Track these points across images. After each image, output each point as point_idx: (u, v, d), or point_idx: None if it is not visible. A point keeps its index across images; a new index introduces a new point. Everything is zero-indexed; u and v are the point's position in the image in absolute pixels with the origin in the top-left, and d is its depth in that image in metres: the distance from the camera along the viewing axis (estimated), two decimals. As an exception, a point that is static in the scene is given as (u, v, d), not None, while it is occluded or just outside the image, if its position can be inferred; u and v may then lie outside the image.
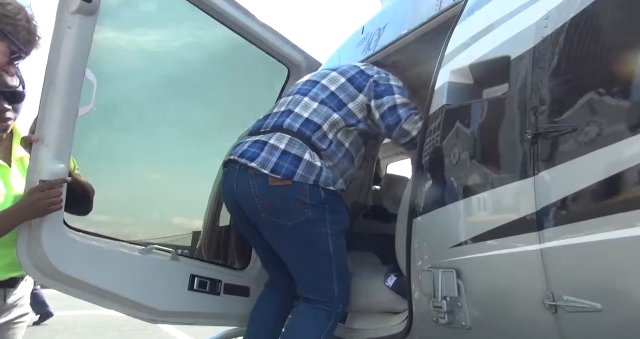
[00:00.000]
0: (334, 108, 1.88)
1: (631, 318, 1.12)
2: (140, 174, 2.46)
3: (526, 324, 1.32)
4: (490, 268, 1.38)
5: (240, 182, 1.85)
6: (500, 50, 1.47)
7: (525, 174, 1.32)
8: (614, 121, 1.17)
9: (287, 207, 1.79)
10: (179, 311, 2.04)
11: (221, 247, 2.53)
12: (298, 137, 1.82)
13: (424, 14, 2.27)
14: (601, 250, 1.15)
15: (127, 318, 2.07)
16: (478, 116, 1.50)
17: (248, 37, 2.26)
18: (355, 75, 1.96)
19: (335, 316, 1.87)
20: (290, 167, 1.78)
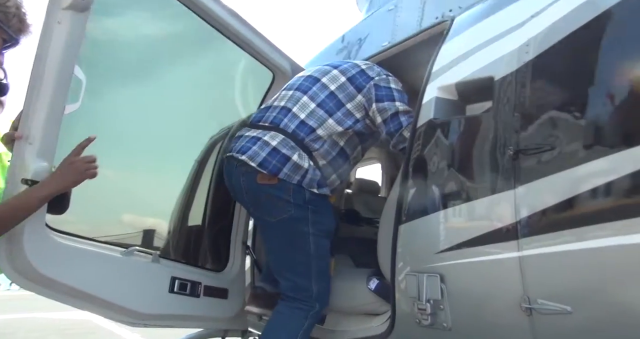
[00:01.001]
0: (331, 111, 1.95)
1: (597, 319, 1.26)
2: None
3: (503, 325, 1.44)
4: (472, 273, 1.49)
5: (233, 178, 2.00)
6: (485, 71, 1.59)
7: (506, 187, 1.44)
8: (588, 141, 1.32)
9: (271, 204, 1.91)
10: (159, 314, 2.02)
11: (192, 247, 2.51)
12: (291, 138, 1.91)
13: (404, 29, 2.39)
14: (572, 258, 1.28)
15: (71, 322, 2.03)
16: (464, 131, 1.61)
17: (236, 41, 2.27)
18: (355, 75, 2.02)
19: (313, 316, 1.92)
20: (277, 165, 1.87)
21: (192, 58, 2.45)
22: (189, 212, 2.59)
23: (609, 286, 1.23)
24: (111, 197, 2.14)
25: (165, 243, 2.34)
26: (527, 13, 1.54)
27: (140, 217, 2.32)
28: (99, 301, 1.84)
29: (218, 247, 2.44)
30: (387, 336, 1.75)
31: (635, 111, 1.22)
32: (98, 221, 2.13)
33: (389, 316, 1.78)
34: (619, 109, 1.27)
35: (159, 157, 2.52)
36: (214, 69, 2.53)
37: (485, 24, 1.69)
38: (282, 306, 1.96)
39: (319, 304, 1.94)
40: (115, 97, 2.13)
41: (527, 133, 1.43)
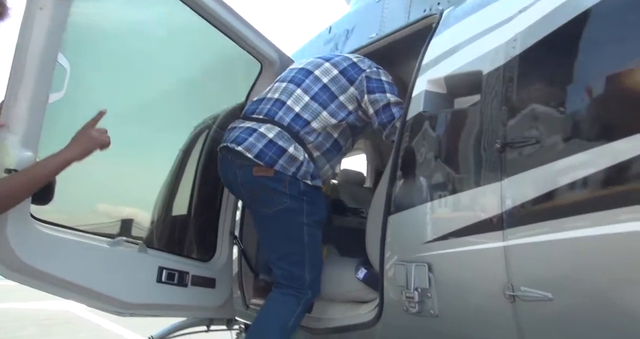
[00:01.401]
0: (325, 104, 1.98)
1: (575, 305, 1.33)
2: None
3: (487, 311, 1.49)
4: (459, 262, 1.53)
5: (229, 171, 2.03)
6: (474, 65, 1.62)
7: (493, 179, 1.48)
8: (571, 135, 1.36)
9: (267, 196, 1.94)
10: (147, 304, 2.03)
11: (179, 237, 2.51)
12: (287, 131, 1.95)
13: (392, 21, 2.40)
14: (554, 248, 1.33)
15: (49, 312, 2.03)
16: (452, 124, 1.64)
17: (224, 30, 2.24)
18: (347, 67, 2.05)
19: (305, 303, 1.97)
20: (273, 156, 1.90)
21: (178, 47, 2.41)
22: (176, 202, 2.58)
23: (588, 274, 1.29)
24: (98, 187, 2.11)
25: (153, 233, 2.33)
26: (515, 8, 1.57)
27: (126, 207, 2.30)
28: (85, 291, 1.83)
29: (205, 237, 2.45)
30: (374, 323, 1.79)
31: (618, 105, 1.27)
32: (84, 211, 2.11)
33: (376, 304, 1.82)
34: (603, 104, 1.31)
35: (146, 146, 2.50)
36: (201, 58, 2.50)
37: (474, 18, 1.71)
38: (275, 293, 2.00)
39: (312, 291, 1.99)
40: (101, 85, 2.09)
41: (513, 127, 1.47)
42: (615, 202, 1.23)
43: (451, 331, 1.59)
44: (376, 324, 1.79)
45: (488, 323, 1.50)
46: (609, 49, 1.33)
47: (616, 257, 1.23)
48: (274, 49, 2.42)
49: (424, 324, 1.65)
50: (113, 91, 2.23)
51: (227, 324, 3.11)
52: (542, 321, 1.38)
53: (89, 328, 6.00)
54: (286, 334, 1.92)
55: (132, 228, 2.22)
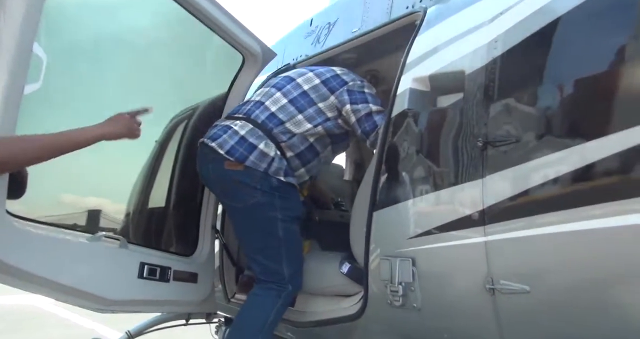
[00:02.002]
0: (301, 108, 2.03)
1: (551, 298, 1.39)
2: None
3: (468, 304, 1.55)
4: (442, 257, 1.58)
5: (203, 166, 2.09)
6: (457, 65, 1.65)
7: (474, 176, 1.53)
8: (551, 134, 1.42)
9: (238, 190, 1.97)
10: (128, 300, 2.00)
11: (160, 232, 2.48)
12: (259, 128, 1.99)
13: (374, 16, 2.41)
14: (532, 243, 1.39)
15: (13, 306, 1.98)
16: (436, 122, 1.67)
17: (205, 22, 2.20)
18: (330, 78, 2.10)
19: (286, 296, 1.99)
20: (244, 153, 1.94)
21: (158, 37, 2.36)
22: (156, 196, 2.55)
23: (564, 268, 1.35)
24: (76, 180, 2.06)
25: (133, 228, 2.30)
26: (496, 9, 1.61)
27: (106, 202, 2.25)
28: (64, 288, 1.80)
29: (187, 232, 2.43)
30: (358, 316, 1.83)
31: (595, 106, 1.32)
32: (61, 206, 2.05)
33: (360, 298, 1.86)
34: (580, 104, 1.36)
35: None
36: (182, 50, 2.45)
37: (457, 17, 1.74)
38: (256, 288, 2.04)
39: (292, 285, 2.01)
40: (79, 76, 2.02)
41: (495, 126, 1.51)
42: (590, 199, 1.29)
43: (433, 323, 1.64)
44: (360, 317, 1.82)
45: (468, 315, 1.56)
46: (588, 51, 1.38)
47: (591, 252, 1.29)
48: (256, 41, 2.40)
49: (407, 317, 1.70)
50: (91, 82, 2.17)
51: (207, 318, 3.10)
52: (520, 313, 1.44)
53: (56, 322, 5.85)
54: (267, 328, 1.95)
55: (113, 223, 2.18)
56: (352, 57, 2.53)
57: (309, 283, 2.14)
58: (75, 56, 2.00)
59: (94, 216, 2.14)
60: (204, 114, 2.63)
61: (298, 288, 2.06)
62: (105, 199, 2.38)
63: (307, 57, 2.68)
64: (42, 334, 5.46)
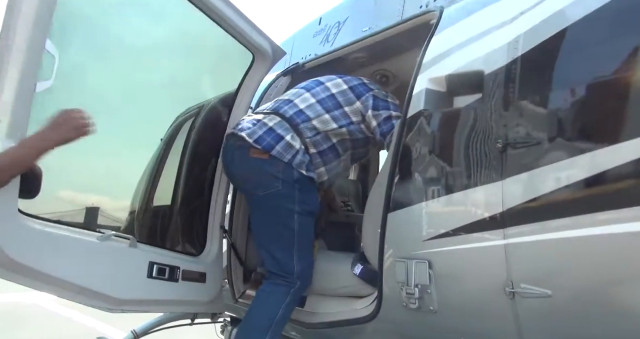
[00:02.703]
0: (328, 109, 2.08)
1: (574, 302, 1.37)
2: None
3: (486, 307, 1.53)
4: (459, 260, 1.56)
5: (228, 153, 2.14)
6: (476, 65, 1.63)
7: (494, 178, 1.51)
8: (572, 137, 1.40)
9: (260, 178, 2.01)
10: (138, 299, 1.98)
11: (169, 231, 2.46)
12: (287, 122, 2.05)
13: (386, 15, 2.39)
14: (554, 246, 1.37)
15: (15, 305, 1.93)
16: (454, 123, 1.65)
17: (216, 19, 2.18)
18: (357, 85, 2.17)
19: (294, 293, 1.99)
20: (271, 142, 2.00)
21: (169, 35, 2.33)
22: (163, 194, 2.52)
23: (586, 272, 1.34)
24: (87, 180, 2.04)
25: (143, 227, 2.28)
26: (516, 9, 1.59)
27: (116, 201, 2.23)
28: (75, 288, 1.78)
29: (195, 231, 2.41)
30: (372, 318, 1.81)
31: (619, 108, 1.30)
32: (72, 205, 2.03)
33: (373, 300, 1.84)
34: (604, 106, 1.35)
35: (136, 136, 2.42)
36: (190, 48, 2.43)
37: (475, 17, 1.72)
38: (264, 285, 2.05)
39: (301, 281, 2.01)
40: (91, 75, 2.00)
41: (515, 127, 1.49)
42: (613, 203, 1.28)
43: (449, 326, 1.63)
44: (374, 319, 1.81)
45: (486, 319, 1.54)
46: (610, 52, 1.36)
47: (614, 256, 1.28)
48: (266, 39, 2.37)
49: (421, 320, 1.68)
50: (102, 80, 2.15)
51: (212, 317, 3.08)
52: (541, 317, 1.43)
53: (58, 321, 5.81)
54: (276, 324, 1.95)
55: (121, 222, 2.15)
56: (362, 56, 2.51)
57: (320, 283, 2.13)
58: (86, 54, 1.97)
59: (104, 215, 2.12)
60: (212, 112, 2.61)
61: (307, 283, 2.06)
62: (113, 198, 2.36)
63: (316, 56, 2.66)
64: (44, 333, 5.42)
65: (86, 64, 2.00)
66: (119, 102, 2.31)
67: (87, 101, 2.10)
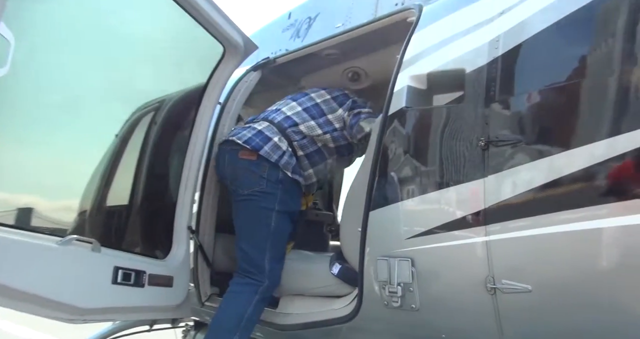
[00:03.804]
0: (313, 116, 2.23)
1: (554, 297, 1.41)
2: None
3: (468, 303, 1.55)
4: (442, 257, 1.57)
5: (221, 158, 2.26)
6: (457, 63, 1.64)
7: (476, 175, 1.52)
8: (553, 136, 1.44)
9: (247, 177, 2.12)
10: (102, 308, 1.85)
11: (134, 234, 2.31)
12: (275, 126, 2.19)
13: (359, 11, 2.38)
14: (534, 242, 1.41)
15: None
16: (437, 121, 1.66)
17: (189, 10, 2.06)
18: (339, 95, 2.33)
19: (263, 292, 2.03)
20: (259, 143, 2.12)
21: (134, 25, 2.18)
22: (122, 194, 2.37)
23: (566, 267, 1.38)
24: (41, 180, 1.87)
25: (106, 229, 2.12)
26: (496, 9, 1.61)
27: (75, 202, 2.06)
28: (31, 298, 1.63)
29: (160, 232, 2.27)
30: (352, 318, 1.78)
31: (598, 108, 1.35)
32: (27, 207, 1.85)
33: (353, 299, 1.82)
34: (583, 105, 1.40)
35: (91, 132, 2.25)
36: (156, 38, 2.28)
37: (456, 16, 1.73)
38: (232, 285, 2.09)
39: (269, 280, 2.05)
40: (46, 64, 1.83)
41: (497, 125, 1.51)
42: (593, 200, 1.33)
43: (431, 323, 1.63)
44: (353, 319, 1.78)
45: (468, 315, 1.56)
46: (591, 52, 1.41)
47: (593, 251, 1.32)
48: (238, 32, 2.28)
49: (402, 318, 1.68)
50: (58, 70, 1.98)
51: (173, 323, 2.94)
52: (521, 311, 1.46)
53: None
54: (245, 323, 1.97)
55: (84, 226, 1.99)
56: (335, 53, 2.48)
57: (296, 283, 2.08)
58: (45, 41, 1.80)
59: (65, 216, 1.95)
60: (176, 107, 2.48)
61: (276, 284, 2.09)
62: (70, 199, 2.19)
63: (287, 52, 2.60)
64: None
65: (42, 52, 1.82)
66: (74, 95, 2.14)
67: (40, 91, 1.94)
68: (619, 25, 1.35)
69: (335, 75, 2.67)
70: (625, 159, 1.27)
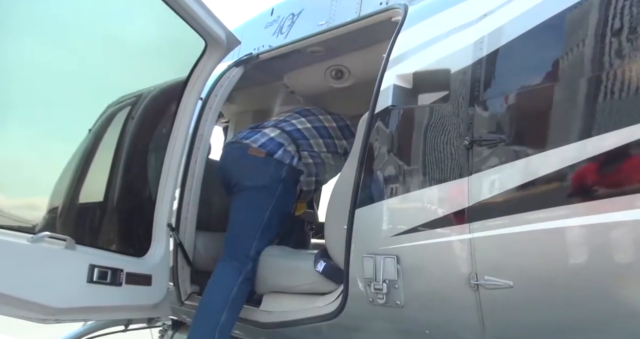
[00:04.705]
0: (322, 135, 2.41)
1: (534, 292, 1.44)
2: None
3: (452, 300, 1.56)
4: (427, 254, 1.58)
5: (228, 157, 2.38)
6: (443, 63, 1.66)
7: (461, 174, 1.55)
8: (536, 135, 1.47)
9: (252, 171, 2.25)
10: (76, 307, 1.78)
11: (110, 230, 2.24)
12: (287, 134, 2.34)
13: (343, 9, 2.38)
14: (516, 240, 1.44)
15: None
16: (422, 120, 1.67)
17: (170, 2, 2.01)
18: (343, 127, 2.52)
19: (247, 272, 2.12)
20: (274, 148, 2.27)
21: (110, 15, 2.11)
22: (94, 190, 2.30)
23: (546, 264, 1.41)
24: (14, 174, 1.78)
25: (80, 227, 2.05)
26: (482, 10, 1.64)
27: (47, 198, 1.98)
28: (1, 298, 1.54)
29: (139, 230, 2.21)
30: (336, 315, 1.78)
31: (579, 107, 1.39)
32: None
33: (337, 296, 1.81)
34: (564, 106, 1.43)
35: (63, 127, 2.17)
36: (137, 30, 2.22)
37: (442, 16, 1.75)
38: (217, 268, 2.16)
39: (252, 264, 2.14)
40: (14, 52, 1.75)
41: (481, 125, 1.54)
42: (574, 198, 1.36)
43: (415, 319, 1.65)
44: (337, 316, 1.78)
45: (452, 311, 1.58)
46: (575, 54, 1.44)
47: (572, 248, 1.36)
48: (221, 27, 2.24)
49: (386, 315, 1.68)
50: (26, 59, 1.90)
51: (149, 322, 2.87)
52: (503, 307, 1.49)
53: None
54: (232, 303, 2.03)
55: (57, 223, 1.92)
56: (320, 50, 2.48)
57: (279, 281, 2.06)
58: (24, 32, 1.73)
59: (35, 214, 1.87)
60: (155, 102, 2.42)
61: (255, 270, 2.15)
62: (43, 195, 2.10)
63: (271, 48, 2.57)
64: None
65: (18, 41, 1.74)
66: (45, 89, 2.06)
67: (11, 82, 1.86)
68: (604, 27, 1.38)
69: (318, 72, 2.67)
70: (609, 158, 1.31)
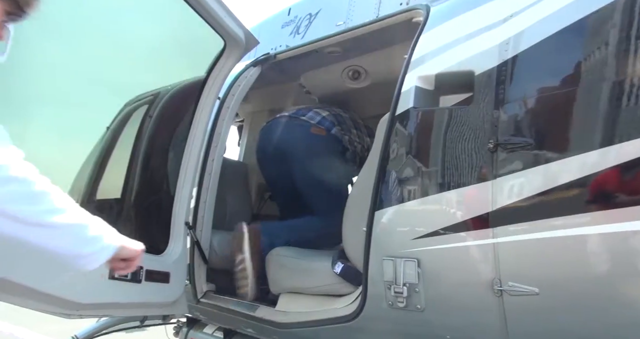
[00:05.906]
0: (356, 127, 2.70)
1: (561, 300, 1.42)
2: None
3: (474, 305, 1.55)
4: (448, 258, 1.57)
5: (283, 131, 2.54)
6: (467, 65, 1.65)
7: (484, 177, 1.53)
8: (562, 139, 1.45)
9: (314, 150, 2.46)
10: (98, 303, 1.80)
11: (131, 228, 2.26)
12: (333, 117, 2.60)
13: (361, 9, 2.37)
14: (542, 245, 1.42)
15: None
16: (445, 122, 1.66)
17: (191, 2, 2.02)
18: (365, 126, 2.78)
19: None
20: (330, 125, 2.53)
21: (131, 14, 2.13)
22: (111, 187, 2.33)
23: (572, 271, 1.39)
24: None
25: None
26: (507, 11, 1.62)
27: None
28: (29, 293, 1.57)
29: (158, 227, 2.23)
30: (354, 317, 1.78)
31: (609, 111, 1.36)
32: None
33: (356, 298, 1.81)
34: (594, 109, 1.40)
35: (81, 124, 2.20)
36: (157, 30, 2.23)
37: (466, 17, 1.73)
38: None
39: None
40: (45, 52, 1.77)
41: (506, 128, 1.53)
42: (602, 204, 1.34)
43: (436, 324, 1.64)
44: (356, 318, 1.78)
45: (473, 316, 1.57)
46: (600, 56, 1.42)
47: (601, 255, 1.34)
48: (241, 27, 2.24)
49: (406, 318, 1.68)
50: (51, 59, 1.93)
51: (164, 319, 2.90)
52: (528, 314, 1.47)
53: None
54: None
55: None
56: (337, 51, 2.47)
57: (296, 281, 2.07)
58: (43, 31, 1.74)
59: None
60: (174, 100, 2.44)
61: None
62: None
63: (288, 48, 2.57)
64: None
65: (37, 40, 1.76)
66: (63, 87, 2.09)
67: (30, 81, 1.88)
68: (634, 29, 1.36)
69: (335, 73, 2.67)
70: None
